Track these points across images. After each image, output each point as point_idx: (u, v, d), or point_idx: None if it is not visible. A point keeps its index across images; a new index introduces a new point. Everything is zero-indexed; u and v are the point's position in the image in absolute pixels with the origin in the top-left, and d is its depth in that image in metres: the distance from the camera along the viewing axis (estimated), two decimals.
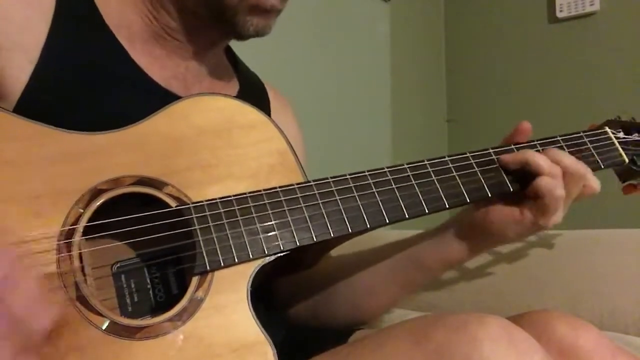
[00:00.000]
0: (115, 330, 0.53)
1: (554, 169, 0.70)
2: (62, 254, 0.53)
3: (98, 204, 0.56)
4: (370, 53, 2.07)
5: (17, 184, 0.54)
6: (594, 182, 0.73)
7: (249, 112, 0.66)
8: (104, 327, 0.53)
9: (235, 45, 0.85)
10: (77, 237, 0.54)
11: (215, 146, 0.63)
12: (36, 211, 0.54)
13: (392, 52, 2.14)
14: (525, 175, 0.72)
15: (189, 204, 0.59)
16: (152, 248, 0.59)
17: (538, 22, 2.14)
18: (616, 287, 0.86)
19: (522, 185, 0.72)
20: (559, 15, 2.07)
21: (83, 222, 0.54)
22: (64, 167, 0.56)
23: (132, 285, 0.61)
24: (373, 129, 2.07)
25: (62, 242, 0.54)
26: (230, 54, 0.87)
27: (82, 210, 0.55)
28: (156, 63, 0.73)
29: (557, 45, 2.10)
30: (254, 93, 0.85)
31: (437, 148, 2.33)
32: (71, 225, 0.54)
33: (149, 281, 0.62)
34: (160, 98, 0.68)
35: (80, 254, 0.54)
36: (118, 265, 0.60)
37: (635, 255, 0.89)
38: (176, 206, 0.58)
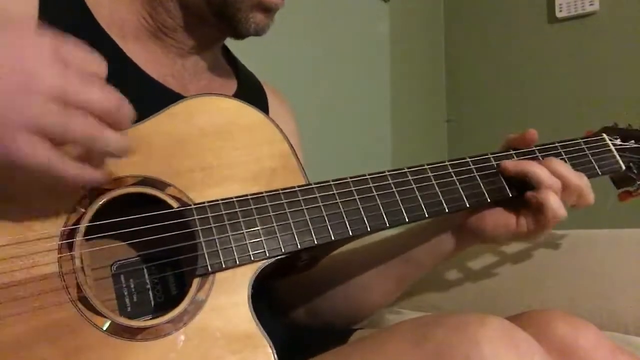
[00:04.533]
0: (116, 331, 0.53)
1: (554, 183, 0.71)
2: (64, 254, 0.53)
3: (100, 203, 0.56)
4: (370, 53, 2.07)
5: None
6: (589, 196, 0.75)
7: (252, 114, 0.66)
8: (104, 328, 0.53)
9: (233, 45, 0.85)
10: (79, 237, 0.54)
11: (218, 147, 0.63)
12: (37, 210, 0.54)
13: (392, 52, 2.14)
14: (524, 183, 0.73)
15: (190, 205, 0.59)
16: (153, 249, 0.59)
17: (538, 22, 2.14)
18: (616, 287, 0.86)
19: (518, 191, 0.73)
20: (559, 15, 2.07)
21: (85, 222, 0.54)
22: None
23: (132, 286, 0.61)
24: (373, 130, 2.07)
25: (63, 242, 0.54)
26: (227, 53, 0.87)
27: (83, 210, 0.55)
28: (152, 60, 0.72)
29: (556, 45, 2.10)
30: (252, 92, 0.85)
31: (437, 148, 2.33)
32: (73, 225, 0.54)
33: (148, 282, 0.62)
34: (158, 95, 0.67)
35: (80, 254, 0.54)
36: (117, 265, 0.60)
37: (635, 255, 0.89)
38: (178, 207, 0.59)
